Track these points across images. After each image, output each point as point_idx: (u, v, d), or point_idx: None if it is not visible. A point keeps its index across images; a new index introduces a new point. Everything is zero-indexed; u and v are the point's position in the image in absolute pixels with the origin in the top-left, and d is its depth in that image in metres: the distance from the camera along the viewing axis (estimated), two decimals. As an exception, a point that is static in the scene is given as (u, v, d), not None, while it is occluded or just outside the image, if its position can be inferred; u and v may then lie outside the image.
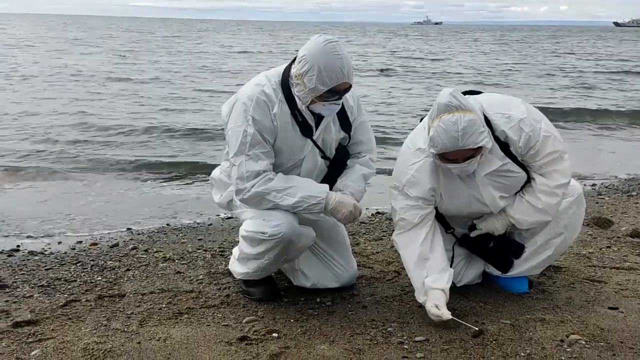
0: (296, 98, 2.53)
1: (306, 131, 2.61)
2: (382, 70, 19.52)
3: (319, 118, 2.62)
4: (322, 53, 2.41)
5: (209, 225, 4.34)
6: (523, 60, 25.24)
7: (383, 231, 3.98)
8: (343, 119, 2.70)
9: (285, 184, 2.55)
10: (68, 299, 2.78)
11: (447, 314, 2.41)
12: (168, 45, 31.73)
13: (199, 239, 3.87)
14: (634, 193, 5.23)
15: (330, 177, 2.72)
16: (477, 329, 2.40)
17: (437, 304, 2.44)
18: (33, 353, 2.26)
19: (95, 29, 56.43)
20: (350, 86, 2.53)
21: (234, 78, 15.50)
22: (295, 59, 2.54)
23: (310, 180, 2.64)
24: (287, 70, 2.58)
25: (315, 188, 2.59)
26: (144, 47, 29.18)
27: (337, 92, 2.49)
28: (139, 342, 2.34)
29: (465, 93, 2.61)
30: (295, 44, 34.77)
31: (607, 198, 5.02)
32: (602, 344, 2.32)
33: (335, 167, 2.75)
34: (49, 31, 48.65)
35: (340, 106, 2.58)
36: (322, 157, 2.70)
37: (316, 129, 2.63)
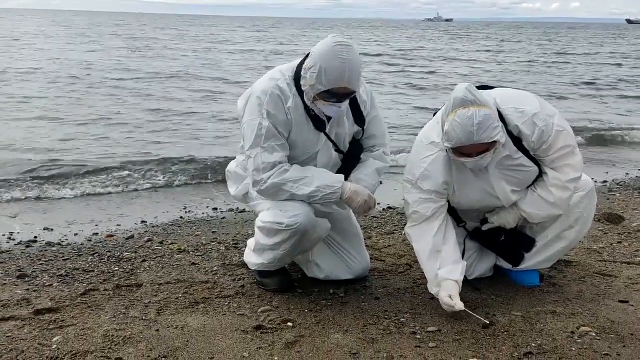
0: (304, 92, 2.58)
1: (319, 125, 2.65)
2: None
3: None
4: (328, 54, 2.44)
5: (222, 218, 4.40)
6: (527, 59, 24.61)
7: (395, 225, 4.02)
8: (357, 113, 2.73)
9: (302, 174, 2.60)
10: (87, 288, 2.85)
11: (460, 305, 2.44)
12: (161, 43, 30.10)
13: (212, 232, 3.93)
14: (645, 190, 5.23)
15: (344, 171, 2.76)
16: (487, 321, 2.43)
17: (450, 295, 2.48)
18: (55, 339, 2.32)
19: (102, 26, 56.31)
20: (353, 92, 2.53)
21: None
22: (309, 53, 2.59)
23: (325, 170, 2.68)
24: (301, 65, 2.62)
25: (330, 178, 2.64)
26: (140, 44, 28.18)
27: (336, 95, 2.50)
28: (158, 330, 2.40)
29: (478, 88, 2.64)
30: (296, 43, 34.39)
31: (618, 194, 5.02)
32: (612, 336, 2.35)
33: (349, 160, 2.79)
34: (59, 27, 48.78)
35: (342, 109, 2.59)
36: (336, 150, 2.74)
37: (328, 123, 2.67)
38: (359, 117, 2.74)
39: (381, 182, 2.96)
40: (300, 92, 2.59)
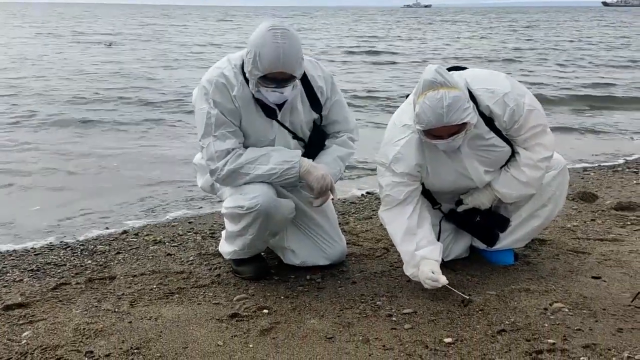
0: (249, 81, 2.53)
1: (269, 112, 2.61)
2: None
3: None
4: (262, 39, 2.40)
5: (199, 208, 4.35)
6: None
7: (372, 210, 4.01)
8: (312, 99, 2.69)
9: (257, 154, 2.59)
10: (58, 282, 2.79)
11: (443, 279, 2.45)
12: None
13: (189, 222, 3.89)
14: (619, 168, 5.31)
15: (308, 158, 2.72)
16: (467, 297, 2.45)
17: (432, 270, 2.48)
18: (24, 334, 2.27)
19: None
20: (292, 77, 2.48)
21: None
22: None
23: (282, 147, 2.65)
24: None
25: (287, 153, 2.62)
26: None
27: (274, 80, 2.46)
28: (130, 322, 2.37)
29: (450, 69, 2.63)
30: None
31: (592, 173, 5.09)
32: (585, 311, 2.38)
33: (312, 148, 2.75)
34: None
35: (284, 94, 2.52)
36: (294, 137, 2.70)
37: (279, 110, 2.63)
38: (314, 103, 2.70)
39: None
40: (247, 80, 2.55)
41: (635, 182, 4.66)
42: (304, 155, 2.68)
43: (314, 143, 2.75)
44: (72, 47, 20.58)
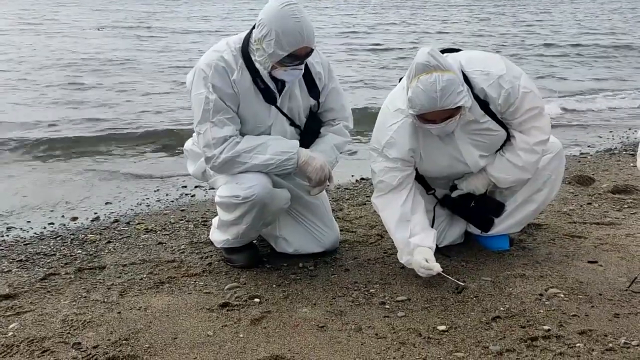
0: (257, 64, 2.48)
1: (269, 98, 2.55)
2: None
3: (281, 85, 2.57)
4: (280, 17, 2.34)
5: (191, 196, 4.30)
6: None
7: (367, 196, 3.96)
8: (311, 86, 2.64)
9: (254, 143, 2.53)
10: (47, 273, 2.75)
11: (437, 267, 2.42)
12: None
13: (181, 210, 3.83)
14: (615, 151, 5.27)
15: (303, 146, 2.68)
16: (462, 284, 2.42)
17: (426, 258, 2.44)
18: (11, 326, 2.23)
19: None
20: (312, 50, 2.45)
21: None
22: (255, 24, 2.47)
23: (279, 137, 2.60)
24: (249, 36, 2.51)
25: (285, 144, 2.56)
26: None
27: (298, 56, 2.42)
28: (119, 312, 2.33)
29: (444, 51, 2.57)
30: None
31: (589, 156, 5.05)
32: (580, 296, 2.35)
33: (307, 135, 2.70)
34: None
35: (302, 71, 2.51)
36: (291, 124, 2.64)
37: (279, 95, 2.57)
38: (312, 90, 2.64)
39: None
40: (247, 64, 2.49)
41: (632, 164, 4.62)
42: (300, 142, 2.63)
43: (309, 130, 2.70)
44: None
